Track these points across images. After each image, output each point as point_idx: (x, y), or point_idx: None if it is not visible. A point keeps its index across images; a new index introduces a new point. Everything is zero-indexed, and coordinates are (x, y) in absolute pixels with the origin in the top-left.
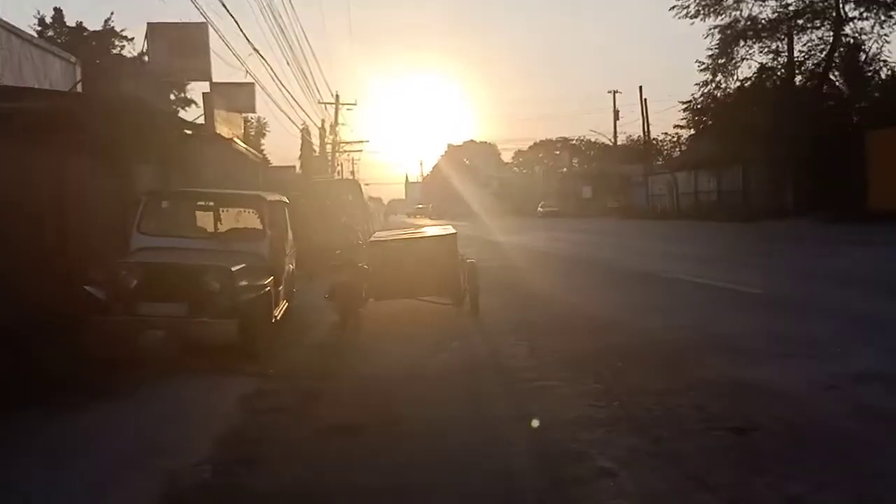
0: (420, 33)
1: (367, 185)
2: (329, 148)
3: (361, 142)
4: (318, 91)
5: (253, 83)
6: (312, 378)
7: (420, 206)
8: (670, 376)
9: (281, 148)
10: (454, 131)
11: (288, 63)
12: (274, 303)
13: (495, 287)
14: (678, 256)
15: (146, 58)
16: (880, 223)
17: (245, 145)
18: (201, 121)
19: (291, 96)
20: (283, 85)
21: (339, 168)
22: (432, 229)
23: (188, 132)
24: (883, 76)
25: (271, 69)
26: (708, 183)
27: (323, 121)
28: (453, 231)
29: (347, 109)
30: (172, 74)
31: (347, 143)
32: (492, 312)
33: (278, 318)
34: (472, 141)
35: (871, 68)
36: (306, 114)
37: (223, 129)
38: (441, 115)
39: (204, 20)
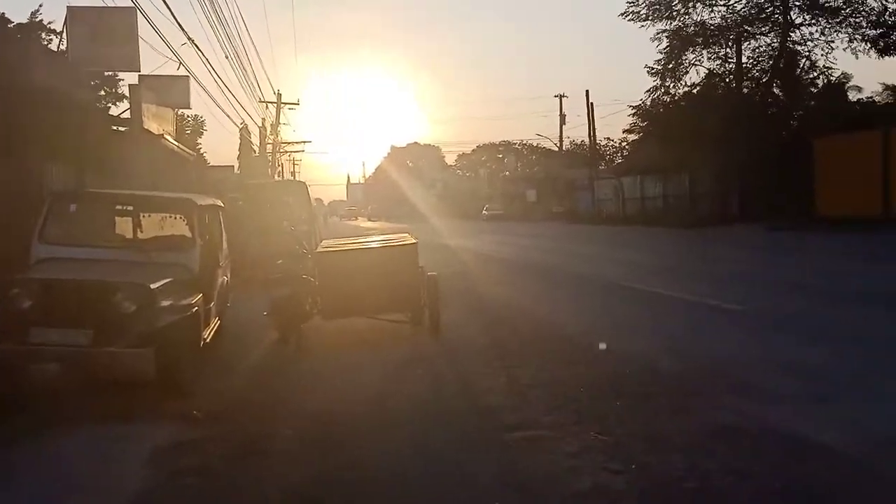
0: (365, 34)
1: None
2: (270, 148)
3: (303, 142)
4: (260, 89)
5: (188, 77)
6: (248, 420)
7: (352, 207)
8: (685, 422)
9: (220, 147)
10: (398, 133)
11: (227, 56)
12: (203, 323)
13: (452, 297)
14: (636, 265)
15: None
16: (829, 229)
17: (178, 143)
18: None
19: (230, 92)
20: (221, 80)
21: (279, 169)
22: (390, 238)
23: (114, 128)
24: (819, 84)
25: (208, 62)
26: (654, 188)
27: (263, 120)
28: (413, 241)
29: (290, 109)
30: (94, 63)
31: (289, 143)
32: (454, 329)
33: (208, 340)
34: (415, 143)
35: (808, 77)
36: (246, 112)
37: (152, 125)
38: (385, 117)
39: (132, 4)
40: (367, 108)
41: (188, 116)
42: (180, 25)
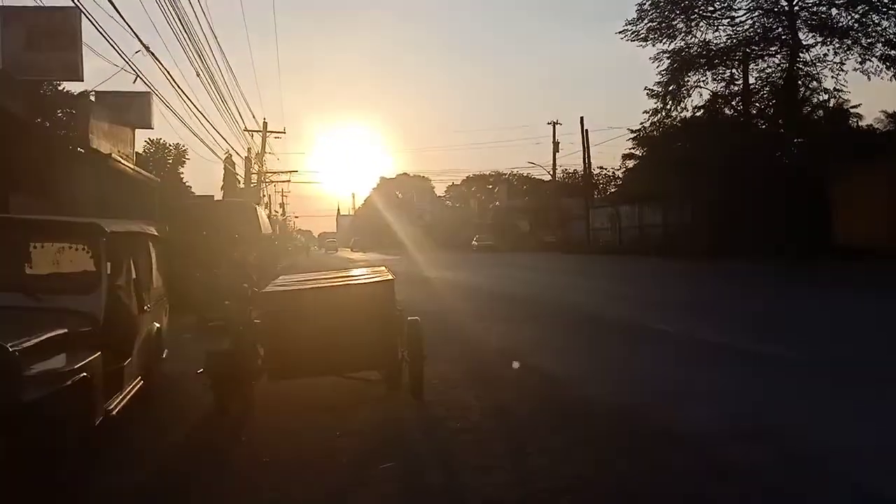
0: (352, 64)
1: (296, 217)
2: (255, 178)
3: (290, 172)
4: (241, 116)
5: (148, 93)
6: None
7: (333, 239)
8: None
9: (203, 178)
10: (387, 164)
11: (198, 74)
12: (104, 392)
13: (440, 344)
14: (649, 301)
15: None
16: (849, 260)
17: (135, 167)
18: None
19: (203, 116)
20: (189, 100)
21: (265, 200)
22: (360, 273)
23: (76, 149)
24: (829, 106)
25: (168, 74)
26: (654, 216)
27: (249, 149)
28: (389, 277)
29: (276, 138)
30: (30, 71)
31: (274, 172)
32: (442, 393)
33: (115, 411)
34: (405, 174)
35: (816, 100)
36: (224, 139)
37: (103, 144)
38: (374, 148)
39: (73, 4)
40: (355, 138)
41: (170, 145)
42: (132, 29)
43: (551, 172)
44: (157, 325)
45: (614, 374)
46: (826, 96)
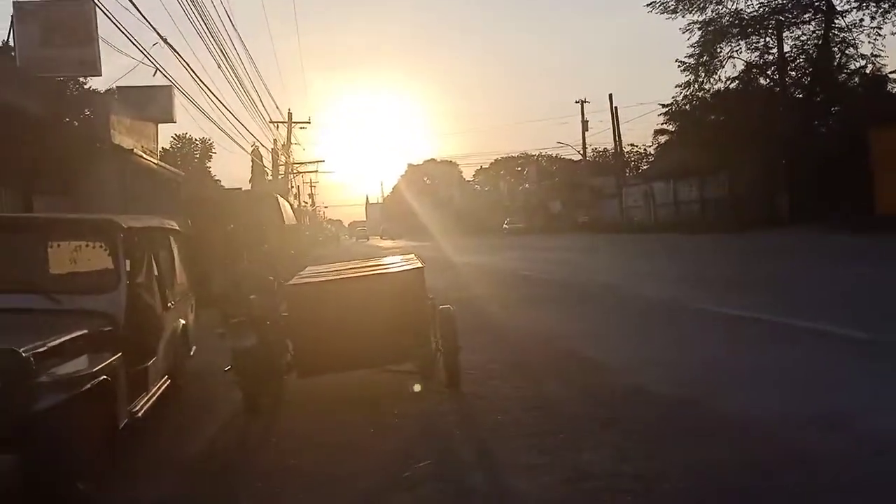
0: (375, 49)
1: (326, 207)
2: (282, 170)
3: (317, 161)
4: (264, 106)
5: (170, 86)
6: None
7: (364, 227)
8: None
9: (233, 172)
10: (414, 150)
11: (219, 66)
12: (128, 395)
13: (474, 332)
14: (698, 280)
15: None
16: (892, 229)
17: (159, 161)
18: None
19: (227, 108)
20: (212, 93)
21: (294, 191)
22: (389, 261)
23: (98, 145)
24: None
25: (189, 67)
26: (690, 192)
27: (275, 141)
28: (418, 265)
29: (301, 128)
30: (47, 67)
31: (301, 163)
32: (480, 384)
33: (141, 413)
34: (432, 160)
35: (852, 66)
36: (248, 131)
37: (125, 140)
38: (400, 134)
39: None
40: (381, 125)
41: (196, 140)
42: (148, 21)
43: (581, 152)
44: (183, 321)
45: (668, 360)
46: (863, 62)
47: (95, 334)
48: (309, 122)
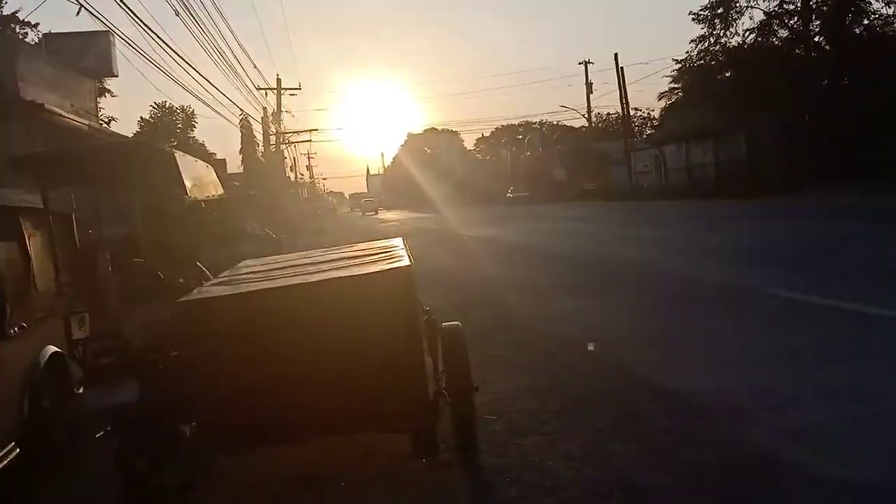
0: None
1: (324, 179)
2: (273, 140)
3: (311, 131)
4: (244, 71)
5: (107, 32)
6: None
7: (368, 199)
8: None
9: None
10: (413, 119)
11: (177, 13)
12: None
13: (494, 334)
14: (737, 254)
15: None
16: None
17: (95, 122)
18: None
19: (191, 65)
20: (174, 50)
21: (289, 162)
22: (362, 251)
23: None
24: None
25: (134, 15)
26: (703, 155)
27: (264, 109)
28: (404, 262)
29: (291, 95)
30: None
31: (293, 132)
32: (506, 446)
33: None
34: (433, 129)
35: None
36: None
37: (43, 95)
38: (399, 100)
39: None
40: (377, 91)
41: (177, 109)
42: None
43: (586, 116)
44: (55, 349)
45: (810, 391)
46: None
47: None
48: (299, 89)
